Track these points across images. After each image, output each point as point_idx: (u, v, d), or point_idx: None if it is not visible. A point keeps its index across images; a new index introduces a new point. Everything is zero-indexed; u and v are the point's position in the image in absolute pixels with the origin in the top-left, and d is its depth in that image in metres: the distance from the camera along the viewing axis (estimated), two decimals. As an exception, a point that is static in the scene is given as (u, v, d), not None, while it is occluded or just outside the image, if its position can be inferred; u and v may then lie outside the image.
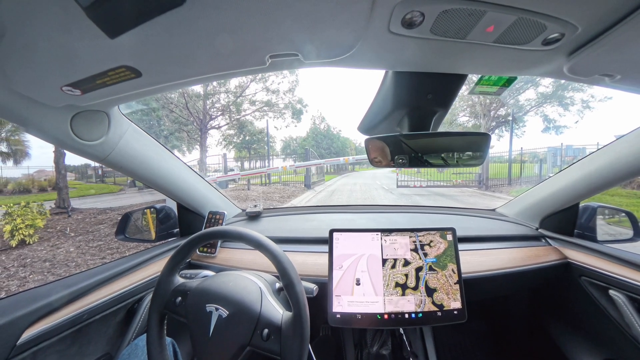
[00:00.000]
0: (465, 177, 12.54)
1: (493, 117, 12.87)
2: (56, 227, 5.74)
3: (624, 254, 0.89)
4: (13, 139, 13.09)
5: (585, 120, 16.73)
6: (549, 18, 0.38)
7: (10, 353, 0.59)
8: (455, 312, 0.83)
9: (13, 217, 4.68)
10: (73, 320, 0.70)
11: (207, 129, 13.39)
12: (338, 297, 0.84)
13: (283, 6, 0.37)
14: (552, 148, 13.64)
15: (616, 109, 38.53)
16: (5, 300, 0.66)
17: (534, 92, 12.34)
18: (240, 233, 0.60)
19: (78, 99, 0.59)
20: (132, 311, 0.89)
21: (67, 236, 5.27)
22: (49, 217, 5.82)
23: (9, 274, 3.67)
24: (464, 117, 14.01)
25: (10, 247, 4.56)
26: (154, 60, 0.48)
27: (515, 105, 12.68)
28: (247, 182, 12.18)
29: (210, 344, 0.54)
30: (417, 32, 0.42)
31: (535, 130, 37.73)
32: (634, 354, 0.86)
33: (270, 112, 14.60)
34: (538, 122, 13.55)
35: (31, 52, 0.45)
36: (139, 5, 0.33)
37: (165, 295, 0.62)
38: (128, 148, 0.82)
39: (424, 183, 12.64)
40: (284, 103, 14.52)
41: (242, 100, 13.73)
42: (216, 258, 1.05)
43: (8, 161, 13.53)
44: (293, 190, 11.32)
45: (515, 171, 12.46)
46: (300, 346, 0.51)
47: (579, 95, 11.74)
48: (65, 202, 7.32)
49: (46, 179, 13.29)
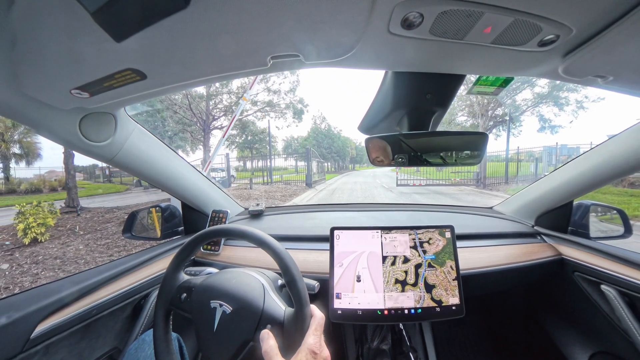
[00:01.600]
0: (463, 175, 12.51)
1: (491, 117, 12.82)
2: (66, 226, 5.78)
3: (615, 250, 0.90)
4: (25, 141, 13.17)
5: (579, 120, 16.69)
6: (545, 20, 0.38)
7: (25, 346, 0.60)
8: (454, 308, 0.83)
9: (26, 216, 4.73)
10: (83, 316, 0.71)
11: (210, 129, 13.36)
12: (339, 294, 0.84)
13: (284, 8, 0.37)
14: (548, 147, 13.63)
15: (609, 109, 38.32)
16: (19, 295, 0.67)
17: (530, 92, 12.36)
18: (243, 231, 0.59)
19: (86, 101, 0.59)
20: (139, 307, 0.89)
21: (76, 234, 5.33)
22: (59, 216, 5.87)
23: (22, 270, 3.71)
24: (462, 117, 13.98)
25: (24, 245, 4.62)
26: (158, 63, 0.48)
27: (512, 105, 12.65)
28: (250, 181, 12.16)
29: (214, 338, 0.54)
30: (416, 33, 0.42)
31: (532, 130, 37.40)
32: (623, 346, 0.87)
33: (272, 113, 14.55)
34: (534, 122, 13.54)
35: (42, 57, 0.45)
36: (144, 9, 0.33)
37: (170, 291, 0.62)
38: (134, 148, 0.82)
39: (423, 181, 12.61)
40: (285, 103, 14.46)
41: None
42: (220, 256, 1.05)
43: (21, 162, 13.63)
44: (295, 189, 11.26)
45: (511, 170, 12.44)
46: (302, 340, 0.51)
47: (573, 96, 11.80)
48: (75, 202, 7.39)
49: (56, 179, 13.38)
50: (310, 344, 0.47)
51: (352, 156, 49.94)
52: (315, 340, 0.48)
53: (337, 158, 40.81)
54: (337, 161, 41.99)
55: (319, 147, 32.70)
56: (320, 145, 34.63)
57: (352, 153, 49.47)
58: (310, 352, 0.46)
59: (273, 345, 0.48)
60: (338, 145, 39.21)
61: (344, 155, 43.95)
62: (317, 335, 0.49)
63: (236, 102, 13.14)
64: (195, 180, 1.09)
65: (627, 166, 0.83)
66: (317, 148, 30.14)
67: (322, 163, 20.87)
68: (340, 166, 44.61)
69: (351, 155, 49.11)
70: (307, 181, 12.39)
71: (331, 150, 37.01)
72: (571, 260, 0.98)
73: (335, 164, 41.66)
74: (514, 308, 1.33)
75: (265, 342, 0.48)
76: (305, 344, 0.48)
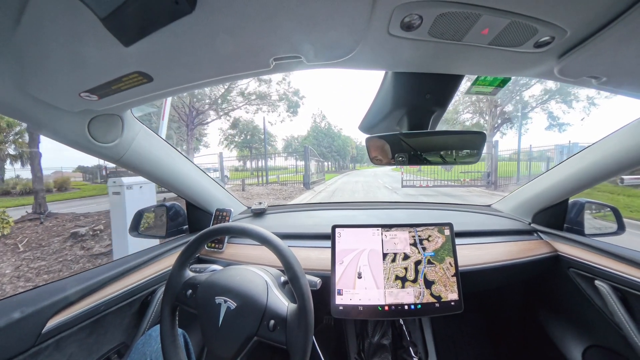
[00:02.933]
0: (473, 175, 11.65)
1: (499, 114, 12.51)
2: (17, 237, 4.82)
3: (608, 247, 0.91)
4: (21, 142, 12.29)
5: (591, 118, 16.16)
6: (540, 22, 0.39)
7: (37, 340, 0.61)
8: (452, 303, 0.84)
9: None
10: (91, 312, 0.72)
11: (195, 125, 11.99)
12: (340, 290, 0.84)
13: (286, 11, 0.37)
14: (560, 146, 13.16)
15: (621, 105, 37.43)
16: (31, 291, 0.68)
17: (540, 87, 11.84)
18: (246, 229, 0.60)
19: (95, 103, 0.60)
20: (146, 303, 0.90)
21: (15, 251, 4.32)
22: (13, 225, 5.04)
23: None
24: (467, 114, 13.68)
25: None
26: (164, 65, 0.49)
27: (520, 101, 12.31)
28: (242, 182, 11.34)
29: (219, 333, 0.54)
30: (416, 35, 0.42)
31: (539, 128, 36.80)
32: (616, 340, 0.88)
33: (263, 106, 13.07)
34: (542, 119, 13.11)
35: (53, 62, 0.46)
36: (151, 14, 0.34)
37: (176, 288, 0.63)
38: (140, 149, 0.83)
39: (430, 182, 11.75)
40: (279, 94, 12.94)
41: (231, 91, 12.08)
42: (224, 253, 1.05)
43: (16, 163, 13.02)
44: (290, 191, 10.42)
45: (523, 169, 11.76)
46: (305, 336, 0.51)
47: (584, 92, 11.26)
48: (42, 207, 6.51)
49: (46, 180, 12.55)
50: None
51: (352, 155, 49.30)
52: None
53: (338, 157, 40.18)
54: (338, 160, 41.42)
55: (318, 146, 32.25)
56: (320, 144, 34.29)
57: (353, 152, 48.90)
58: None
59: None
60: (338, 144, 38.77)
61: (345, 155, 43.26)
62: None
63: (222, 94, 11.68)
64: (199, 180, 1.10)
65: (620, 165, 0.84)
66: (316, 147, 29.70)
67: (321, 162, 20.42)
68: (341, 165, 44.00)
69: (352, 155, 48.63)
70: (305, 181, 11.67)
71: (331, 150, 36.59)
72: (566, 256, 0.99)
73: (336, 164, 41.25)
74: (511, 303, 1.34)
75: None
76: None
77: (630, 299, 0.83)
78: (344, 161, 45.75)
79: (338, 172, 35.29)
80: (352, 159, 50.55)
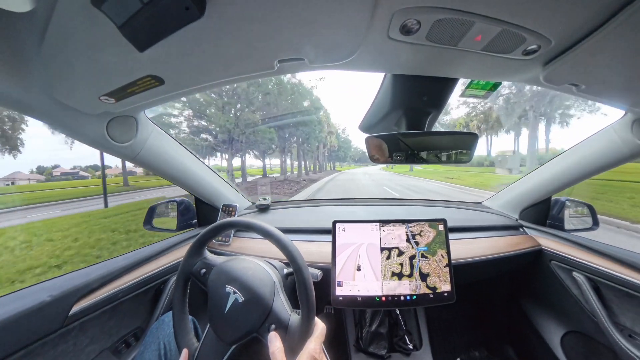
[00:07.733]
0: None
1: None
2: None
3: (585, 241, 0.93)
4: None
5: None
6: (528, 31, 0.40)
7: (64, 322, 0.64)
8: (446, 294, 0.84)
9: None
10: (111, 298, 0.74)
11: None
12: (340, 282, 0.84)
13: (291, 16, 0.37)
14: None
15: None
16: (58, 278, 0.71)
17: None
18: (252, 224, 0.59)
19: (112, 106, 0.61)
20: (159, 291, 0.91)
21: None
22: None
23: None
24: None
25: None
26: (175, 69, 0.49)
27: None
28: None
29: (224, 320, 0.54)
30: (414, 39, 0.42)
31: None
32: (590, 326, 0.90)
33: None
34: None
35: (75, 69, 0.47)
36: (164, 19, 0.34)
37: (192, 265, 0.62)
38: (154, 147, 0.83)
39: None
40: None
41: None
42: (230, 246, 1.05)
43: None
44: None
45: None
46: (303, 345, 0.50)
47: None
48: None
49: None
50: (311, 349, 0.47)
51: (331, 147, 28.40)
52: (316, 346, 0.48)
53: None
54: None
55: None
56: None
57: (352, 152, 32.99)
58: (311, 357, 0.46)
59: (280, 347, 0.47)
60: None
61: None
62: (318, 343, 0.49)
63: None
64: (207, 177, 1.10)
65: (594, 167, 0.87)
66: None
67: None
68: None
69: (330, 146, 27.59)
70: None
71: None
72: (548, 250, 1.01)
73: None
74: (498, 294, 1.35)
75: (273, 344, 0.48)
76: (307, 349, 0.47)
77: (602, 288, 0.85)
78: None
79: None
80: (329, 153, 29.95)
